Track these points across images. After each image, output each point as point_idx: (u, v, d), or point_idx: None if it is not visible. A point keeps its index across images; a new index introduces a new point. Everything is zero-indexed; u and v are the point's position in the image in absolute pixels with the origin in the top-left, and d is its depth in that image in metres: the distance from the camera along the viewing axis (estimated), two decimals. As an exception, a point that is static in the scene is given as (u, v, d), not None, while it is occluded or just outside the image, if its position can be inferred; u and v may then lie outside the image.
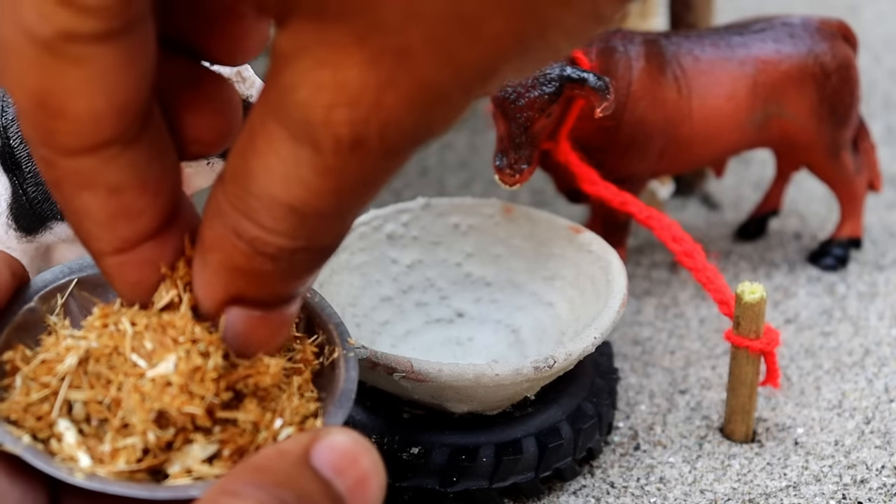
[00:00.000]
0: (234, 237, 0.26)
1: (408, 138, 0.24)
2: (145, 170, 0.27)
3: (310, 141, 0.24)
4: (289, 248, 0.26)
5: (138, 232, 0.28)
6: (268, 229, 0.26)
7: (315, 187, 0.24)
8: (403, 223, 0.56)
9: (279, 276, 0.27)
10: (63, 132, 0.25)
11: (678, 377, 0.57)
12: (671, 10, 0.72)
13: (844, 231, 0.66)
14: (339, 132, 0.23)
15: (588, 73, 0.51)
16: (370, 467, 0.27)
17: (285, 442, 0.27)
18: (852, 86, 0.61)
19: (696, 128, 0.57)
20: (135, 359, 0.29)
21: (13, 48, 0.24)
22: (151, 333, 0.29)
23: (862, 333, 0.61)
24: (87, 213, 0.27)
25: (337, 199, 0.25)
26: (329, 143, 0.23)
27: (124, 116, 0.26)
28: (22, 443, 0.29)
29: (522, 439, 0.47)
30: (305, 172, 0.24)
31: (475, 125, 0.83)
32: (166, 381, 0.28)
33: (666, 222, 0.53)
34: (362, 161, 0.24)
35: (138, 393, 0.28)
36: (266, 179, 0.25)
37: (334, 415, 0.31)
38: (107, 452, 0.29)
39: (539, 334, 0.54)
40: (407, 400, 0.47)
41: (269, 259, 0.26)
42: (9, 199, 0.48)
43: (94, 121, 0.25)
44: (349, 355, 0.34)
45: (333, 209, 0.25)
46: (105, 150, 0.26)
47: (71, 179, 0.27)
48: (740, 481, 0.50)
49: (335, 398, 0.32)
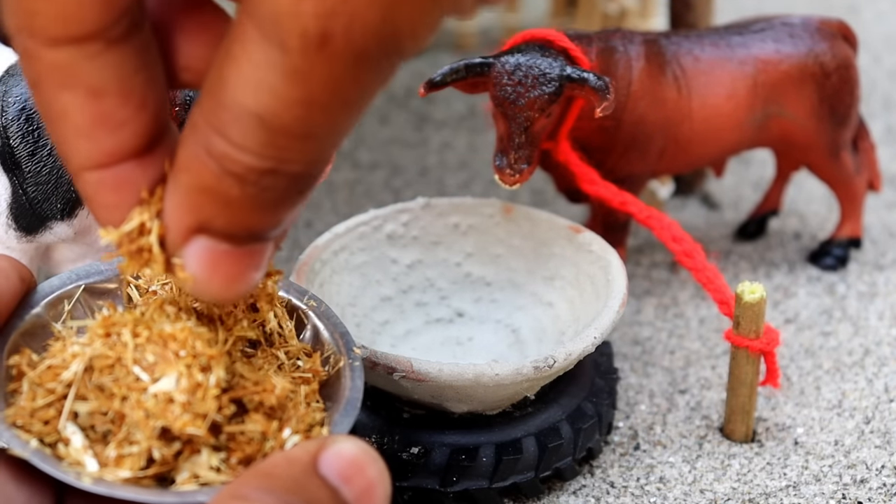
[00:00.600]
0: (204, 155, 0.25)
1: (374, 38, 0.23)
2: (130, 77, 0.26)
3: (278, 38, 0.23)
4: (256, 167, 0.25)
5: (120, 145, 0.27)
6: (236, 145, 0.25)
7: (283, 93, 0.24)
8: (403, 223, 0.56)
9: (247, 202, 0.26)
10: (45, 14, 0.25)
11: (678, 377, 0.57)
12: (671, 10, 0.72)
13: (844, 231, 0.66)
14: (305, 24, 0.23)
15: (588, 72, 0.51)
16: (376, 476, 0.27)
17: (293, 449, 0.28)
18: (852, 86, 0.61)
19: (696, 127, 0.57)
20: (137, 371, 0.29)
21: None
22: (152, 346, 0.29)
23: (862, 333, 0.61)
24: (67, 117, 0.26)
25: (305, 110, 0.24)
26: (296, 39, 0.23)
27: (109, 4, 0.25)
28: (30, 447, 0.29)
29: (522, 439, 0.47)
30: (274, 77, 0.24)
31: (475, 125, 0.83)
32: (168, 398, 0.28)
33: (666, 222, 0.53)
34: (329, 63, 0.23)
35: (142, 409, 0.28)
36: (237, 87, 0.24)
37: (340, 423, 0.32)
38: (112, 458, 0.29)
39: (539, 334, 0.54)
40: (407, 400, 0.47)
41: (237, 180, 0.25)
42: (9, 199, 0.48)
43: (77, 2, 0.25)
44: (355, 364, 0.34)
45: (302, 124, 0.24)
46: (87, 43, 0.25)
47: (51, 75, 0.26)
48: (740, 481, 0.50)
49: (341, 407, 0.33)
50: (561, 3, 0.92)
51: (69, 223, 0.49)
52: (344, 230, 0.54)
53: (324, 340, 0.35)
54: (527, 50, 0.51)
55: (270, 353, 0.34)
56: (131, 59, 0.26)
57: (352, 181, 0.75)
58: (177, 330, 0.29)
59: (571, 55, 0.52)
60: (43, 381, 0.30)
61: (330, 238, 0.53)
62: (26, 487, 0.29)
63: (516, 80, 0.51)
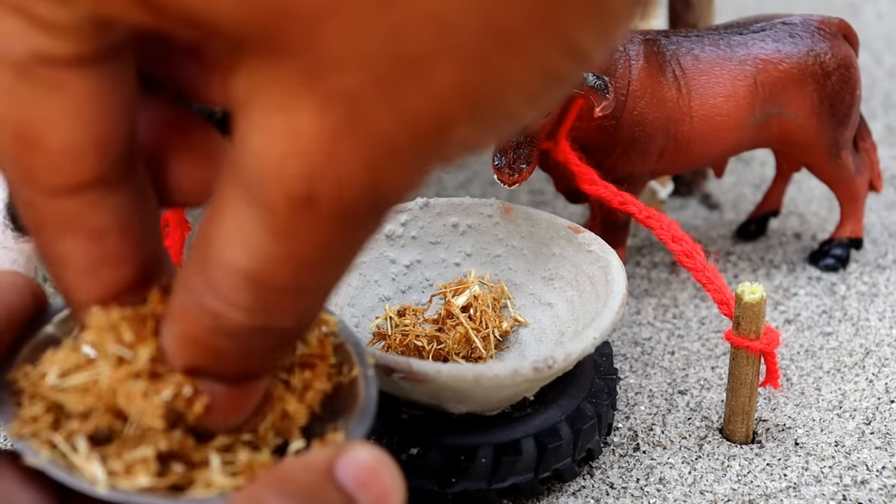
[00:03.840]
0: (196, 309, 0.26)
1: (361, 200, 0.23)
2: (129, 217, 0.27)
3: (263, 199, 0.23)
4: (247, 325, 0.25)
5: (120, 280, 0.28)
6: (228, 302, 0.25)
7: (269, 253, 0.24)
8: (402, 223, 0.56)
9: (240, 355, 0.26)
10: (42, 168, 0.25)
11: (678, 378, 0.57)
12: (671, 10, 0.72)
13: (845, 231, 0.66)
14: (290, 186, 0.23)
15: (587, 72, 0.51)
16: (391, 484, 0.27)
17: (310, 455, 0.28)
18: (853, 85, 0.61)
19: (695, 127, 0.57)
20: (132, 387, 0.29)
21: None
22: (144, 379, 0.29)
23: (862, 334, 0.60)
24: (69, 259, 0.27)
25: (293, 268, 0.24)
26: (280, 201, 0.23)
27: (104, 153, 0.25)
28: (43, 455, 0.29)
29: (521, 440, 0.47)
30: (260, 236, 0.24)
31: (474, 125, 0.83)
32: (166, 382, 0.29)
33: (666, 222, 0.53)
34: (316, 223, 0.23)
35: (142, 394, 0.28)
36: (226, 247, 0.24)
37: (355, 430, 0.32)
38: (121, 469, 0.29)
39: (538, 334, 0.54)
40: (406, 400, 0.47)
41: (228, 337, 0.26)
42: (6, 199, 0.48)
43: (73, 155, 0.25)
44: (368, 373, 0.34)
45: (290, 281, 0.25)
46: (87, 192, 0.26)
47: (53, 223, 0.26)
48: (740, 482, 0.50)
49: (356, 414, 0.33)
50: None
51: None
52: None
53: (336, 352, 0.36)
54: (526, 49, 0.51)
55: None
56: (129, 198, 0.27)
57: (351, 181, 0.75)
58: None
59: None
60: (37, 390, 0.30)
61: (328, 238, 0.53)
62: (30, 490, 0.29)
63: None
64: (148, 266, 0.28)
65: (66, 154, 0.25)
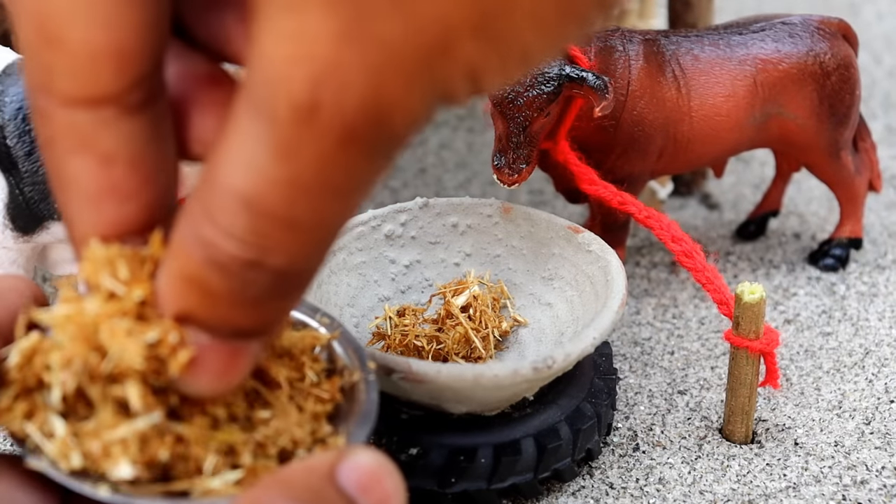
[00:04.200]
0: (192, 241, 0.25)
1: (362, 113, 0.23)
2: (142, 148, 0.27)
3: (268, 108, 0.23)
4: (239, 258, 0.25)
5: (125, 218, 0.27)
6: (222, 229, 0.25)
7: (268, 173, 0.24)
8: (402, 223, 0.56)
9: (229, 296, 0.26)
10: (61, 70, 0.25)
11: (677, 378, 0.57)
12: (671, 10, 0.72)
13: (844, 231, 0.66)
14: (294, 92, 0.22)
15: (587, 72, 0.51)
16: (393, 488, 0.27)
17: (312, 459, 0.28)
18: (852, 85, 0.61)
19: (695, 127, 0.57)
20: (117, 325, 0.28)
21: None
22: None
23: (862, 334, 0.60)
24: (76, 182, 0.27)
25: (290, 193, 0.24)
26: (284, 109, 0.23)
27: (125, 68, 0.25)
28: (44, 458, 0.29)
29: (521, 440, 0.47)
30: (261, 154, 0.23)
31: (473, 125, 0.83)
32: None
33: (665, 222, 0.53)
34: (317, 138, 0.23)
35: (126, 332, 0.28)
36: (227, 167, 0.24)
37: (357, 434, 0.33)
38: (98, 451, 0.29)
39: (538, 335, 0.54)
40: (405, 401, 0.47)
41: (220, 271, 0.25)
42: (5, 199, 0.48)
43: (92, 60, 0.25)
44: (370, 378, 0.35)
45: (286, 209, 0.24)
46: (102, 107, 0.26)
47: (64, 138, 0.26)
48: (740, 482, 0.50)
49: (357, 418, 0.33)
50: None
51: (66, 223, 0.48)
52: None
53: (338, 356, 0.36)
54: (526, 49, 0.51)
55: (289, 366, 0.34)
56: (145, 129, 0.27)
57: (350, 181, 0.75)
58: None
59: (570, 54, 0.52)
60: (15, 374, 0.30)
61: (328, 238, 0.53)
62: (32, 493, 0.29)
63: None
64: (156, 210, 0.28)
65: (86, 58, 0.25)
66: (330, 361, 0.36)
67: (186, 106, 0.28)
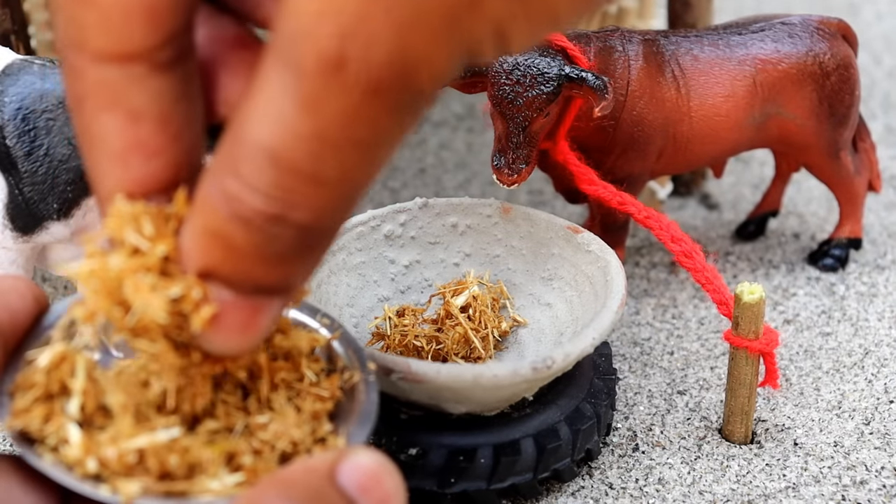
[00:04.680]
0: (217, 195, 0.25)
1: (388, 67, 0.23)
2: (171, 106, 0.27)
3: (295, 61, 0.23)
4: (264, 211, 0.25)
5: (151, 175, 0.27)
6: (246, 184, 0.25)
7: (295, 125, 0.24)
8: (401, 223, 0.56)
9: (253, 251, 0.26)
10: (93, 26, 0.25)
11: (677, 378, 0.57)
12: (670, 10, 0.72)
13: (844, 231, 0.66)
14: (322, 45, 0.23)
15: (586, 72, 0.51)
16: (393, 488, 0.27)
17: (312, 459, 0.28)
18: (852, 85, 0.61)
19: (694, 127, 0.57)
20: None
21: None
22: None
23: (861, 334, 0.60)
24: (105, 139, 0.27)
25: (316, 145, 0.24)
26: (312, 62, 0.23)
27: (157, 26, 0.26)
28: (46, 460, 0.29)
29: (521, 440, 0.47)
30: (287, 106, 0.24)
31: (473, 125, 0.83)
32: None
33: (665, 222, 0.53)
34: (343, 92, 0.23)
35: (149, 287, 0.28)
36: (253, 121, 0.24)
37: (356, 435, 0.33)
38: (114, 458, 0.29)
39: (537, 335, 0.54)
40: (405, 401, 0.47)
41: (243, 225, 0.25)
42: (5, 199, 0.48)
43: (125, 16, 0.25)
44: (369, 379, 0.35)
45: (312, 162, 0.24)
46: (132, 64, 0.26)
47: (94, 94, 0.26)
48: (739, 482, 0.50)
49: (357, 418, 0.33)
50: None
51: (65, 223, 0.49)
52: (341, 230, 0.54)
53: (338, 357, 0.36)
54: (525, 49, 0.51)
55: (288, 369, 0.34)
56: (174, 87, 0.27)
57: (350, 181, 0.75)
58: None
59: (570, 54, 0.52)
60: (28, 381, 0.30)
61: (327, 238, 0.53)
62: (33, 492, 0.29)
63: (514, 80, 0.50)
64: (181, 169, 0.28)
65: (119, 14, 0.25)
66: (330, 362, 0.36)
67: (215, 68, 0.28)
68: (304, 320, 0.37)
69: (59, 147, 0.47)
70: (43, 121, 0.47)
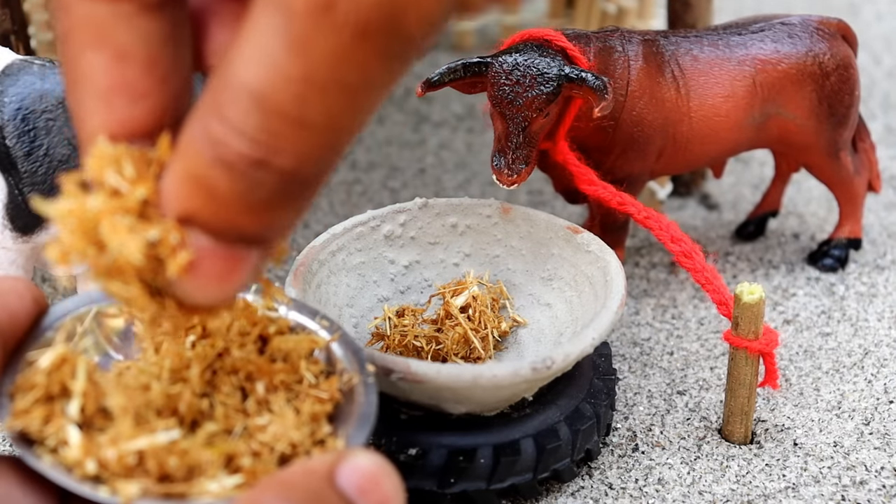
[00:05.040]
0: (200, 139, 0.25)
1: (377, 10, 0.23)
2: (159, 48, 0.26)
3: (285, 2, 0.23)
4: (247, 156, 0.24)
5: (136, 117, 0.27)
6: (231, 126, 0.24)
7: (282, 66, 0.23)
8: (401, 223, 0.56)
9: (235, 197, 0.25)
10: None
11: (677, 378, 0.57)
12: (670, 10, 0.72)
13: (844, 232, 0.66)
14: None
15: (586, 72, 0.51)
16: (391, 490, 0.27)
17: (311, 461, 0.28)
18: (851, 86, 0.61)
19: (694, 127, 0.57)
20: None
21: None
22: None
23: (861, 334, 0.60)
24: (90, 78, 0.26)
25: (302, 88, 0.24)
26: (301, 1, 0.23)
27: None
28: (45, 461, 0.29)
29: (520, 440, 0.47)
30: (276, 47, 0.23)
31: (473, 125, 0.83)
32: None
33: (665, 223, 0.53)
34: (331, 33, 0.23)
35: (127, 228, 0.27)
36: (240, 62, 0.24)
37: (355, 437, 0.33)
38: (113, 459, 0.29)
39: (537, 335, 0.54)
40: (404, 401, 0.47)
41: (226, 170, 0.25)
42: (4, 199, 0.48)
43: None
44: (368, 380, 0.35)
45: (298, 105, 0.24)
46: (121, 1, 0.26)
47: (81, 31, 0.26)
48: (739, 482, 0.50)
49: (356, 420, 0.33)
50: (559, 3, 0.91)
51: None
52: (341, 231, 0.54)
53: (337, 359, 0.36)
54: (525, 49, 0.51)
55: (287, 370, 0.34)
56: (162, 30, 0.26)
57: (349, 182, 0.75)
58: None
59: (570, 55, 0.52)
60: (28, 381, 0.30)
61: (327, 239, 0.53)
62: (32, 493, 0.29)
63: (514, 80, 0.50)
64: (166, 114, 0.27)
65: None
66: (329, 364, 0.36)
67: (206, 17, 0.28)
68: (304, 322, 0.37)
69: (59, 147, 0.47)
70: (43, 121, 0.47)
